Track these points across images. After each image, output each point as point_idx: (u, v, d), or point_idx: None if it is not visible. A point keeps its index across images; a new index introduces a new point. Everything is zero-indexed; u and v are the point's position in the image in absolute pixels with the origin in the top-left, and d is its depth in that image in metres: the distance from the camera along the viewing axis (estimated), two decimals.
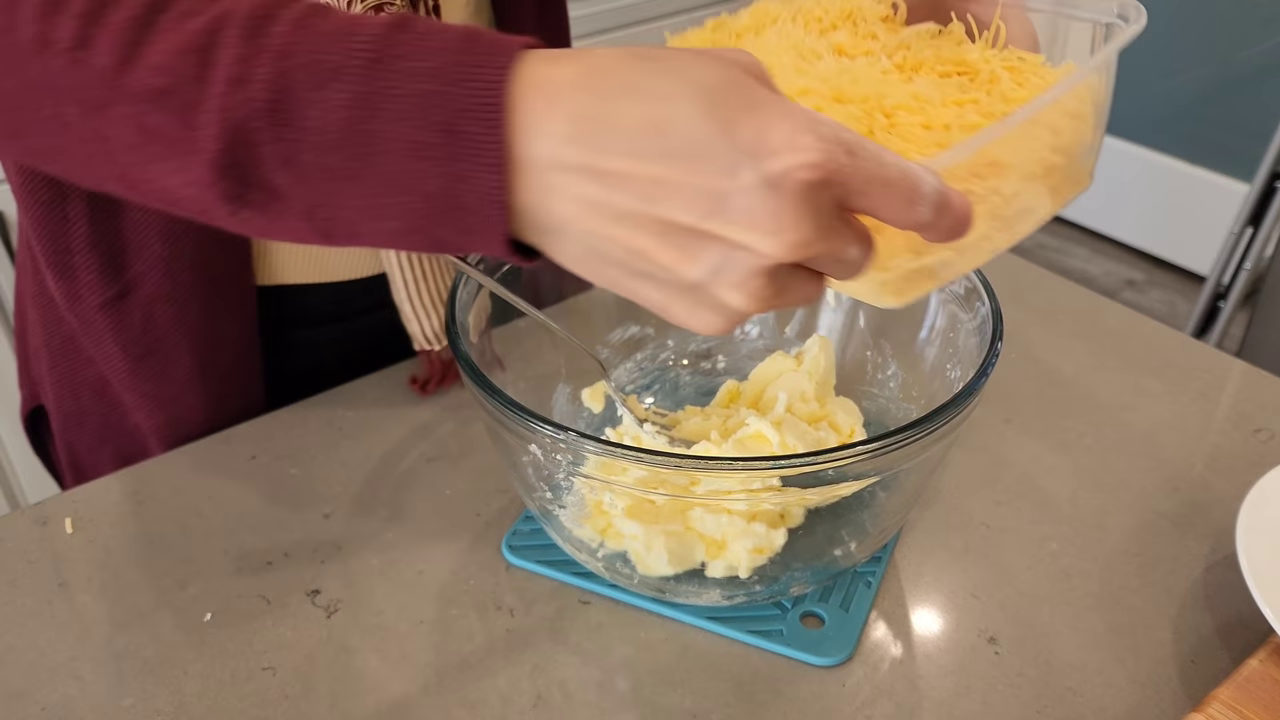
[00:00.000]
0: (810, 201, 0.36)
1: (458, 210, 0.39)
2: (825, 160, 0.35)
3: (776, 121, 0.35)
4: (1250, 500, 0.66)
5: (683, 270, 0.38)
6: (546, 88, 0.37)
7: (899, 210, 0.38)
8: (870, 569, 0.69)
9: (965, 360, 0.68)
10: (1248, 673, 0.59)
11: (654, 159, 0.36)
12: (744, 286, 0.37)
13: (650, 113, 0.36)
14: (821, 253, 0.38)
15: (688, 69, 0.37)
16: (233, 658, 0.64)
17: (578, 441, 0.56)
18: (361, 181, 0.39)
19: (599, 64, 0.38)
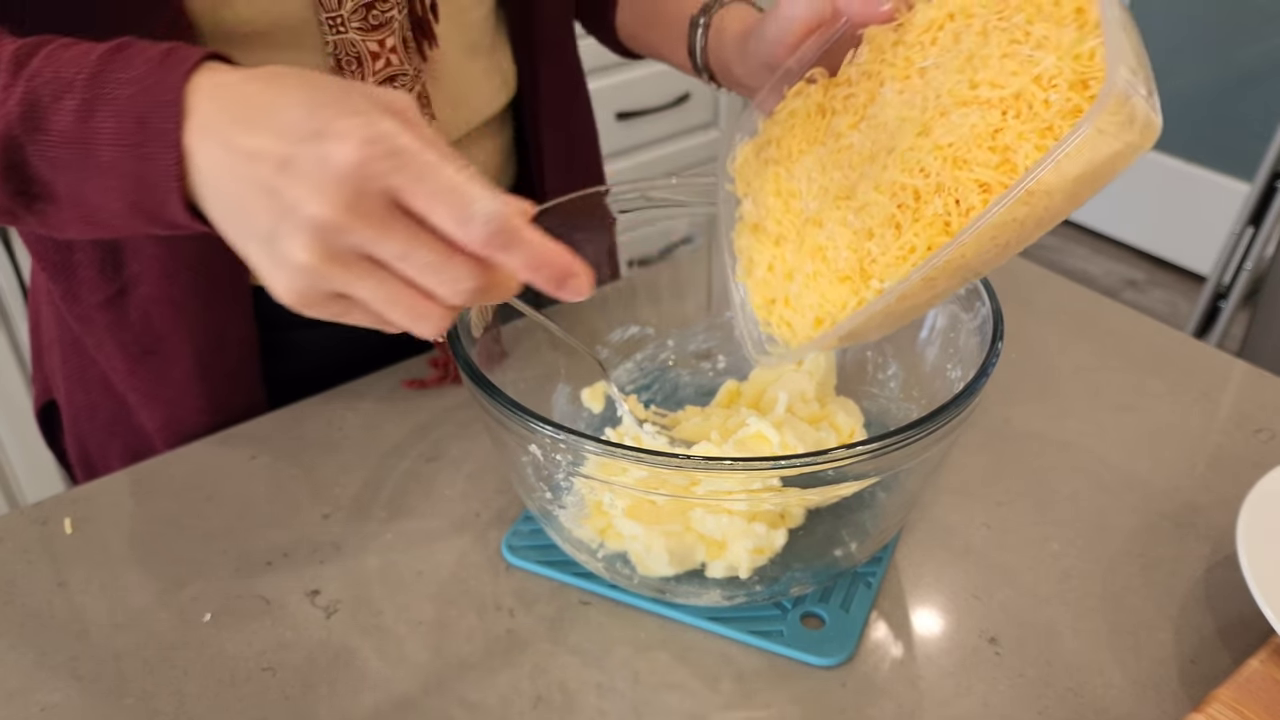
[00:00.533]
0: (352, 182, 0.43)
1: (150, 186, 0.48)
2: (366, 153, 0.43)
3: (350, 118, 0.43)
4: (1251, 501, 0.66)
5: (259, 221, 0.45)
6: (214, 89, 0.48)
7: (449, 223, 0.44)
8: (871, 569, 0.68)
9: (966, 360, 0.68)
10: (1248, 673, 0.59)
11: (262, 132, 0.45)
12: (296, 240, 0.44)
13: (270, 101, 0.46)
14: (368, 237, 0.44)
15: (317, 79, 0.46)
16: (232, 658, 0.64)
17: (578, 441, 0.56)
18: (92, 170, 0.50)
19: (259, 72, 0.47)
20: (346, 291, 0.46)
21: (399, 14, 0.73)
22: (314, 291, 0.46)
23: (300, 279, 0.45)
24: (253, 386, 0.83)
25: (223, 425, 0.82)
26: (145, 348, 0.79)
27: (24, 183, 0.52)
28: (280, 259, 0.45)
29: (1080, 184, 0.49)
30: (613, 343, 0.80)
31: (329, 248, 0.44)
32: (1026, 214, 0.50)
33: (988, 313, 0.65)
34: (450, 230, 0.44)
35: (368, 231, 0.44)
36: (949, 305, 0.72)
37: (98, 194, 0.51)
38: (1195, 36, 2.72)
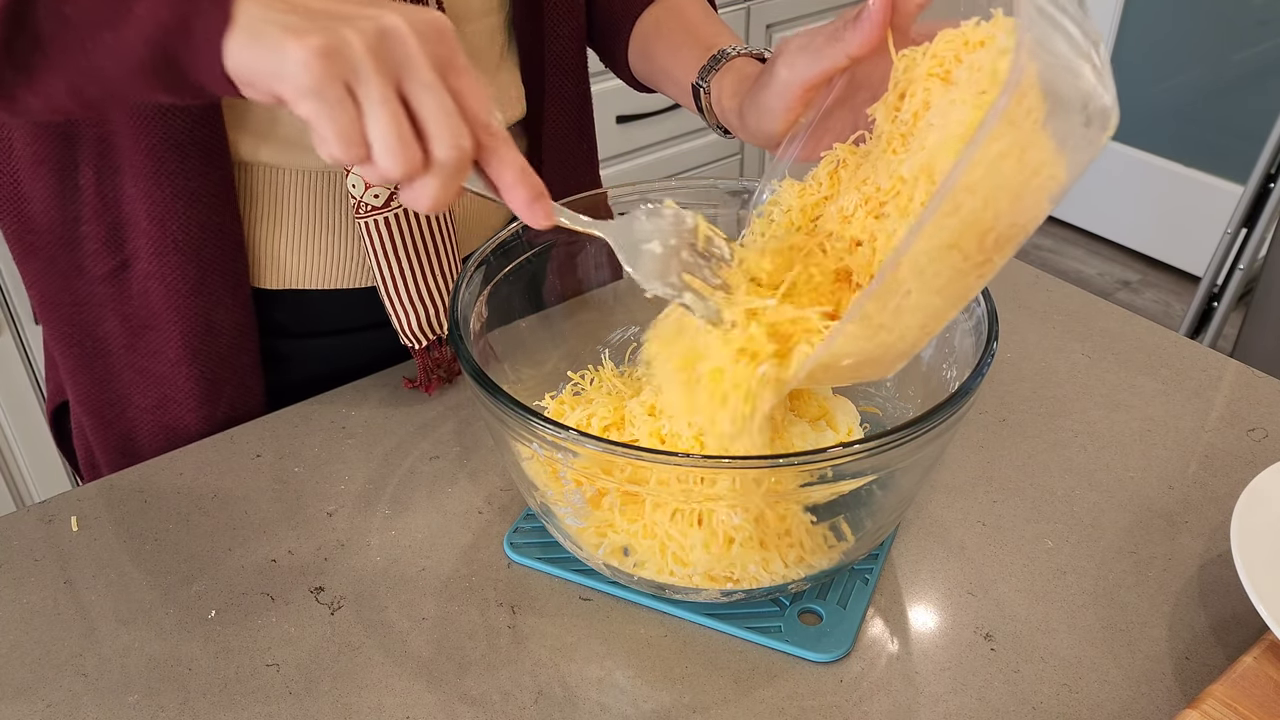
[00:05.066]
0: (417, 28, 0.50)
1: (188, 32, 0.50)
2: (438, 23, 0.51)
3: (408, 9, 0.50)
4: (1244, 498, 0.66)
5: (314, 24, 0.48)
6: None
7: (475, 101, 0.51)
8: (867, 566, 0.69)
9: (961, 360, 0.69)
10: (1242, 669, 0.60)
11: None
12: (356, 27, 0.48)
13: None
14: (416, 53, 0.49)
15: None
16: (237, 654, 0.64)
17: (578, 440, 0.56)
18: (117, 21, 0.51)
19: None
20: (365, 88, 0.49)
21: None
22: (337, 67, 0.48)
23: (332, 52, 0.48)
24: (247, 375, 0.84)
25: (219, 414, 0.83)
26: (143, 322, 0.80)
27: (20, 37, 0.52)
28: (323, 36, 0.48)
29: (1005, 178, 0.48)
30: (613, 343, 0.81)
31: (375, 44, 0.48)
32: (958, 226, 0.49)
33: (983, 313, 0.66)
34: (473, 106, 0.51)
35: (417, 51, 0.49)
36: None
37: (112, 49, 0.51)
38: (1189, 40, 2.73)
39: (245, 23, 0.50)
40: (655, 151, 2.25)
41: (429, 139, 0.50)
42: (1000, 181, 0.48)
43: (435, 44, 0.51)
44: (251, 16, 0.50)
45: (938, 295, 0.53)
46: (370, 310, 0.87)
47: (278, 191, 0.79)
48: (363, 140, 0.50)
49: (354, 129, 0.49)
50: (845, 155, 0.65)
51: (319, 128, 0.49)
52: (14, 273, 1.54)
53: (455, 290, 0.67)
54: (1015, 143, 0.47)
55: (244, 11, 0.50)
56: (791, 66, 0.65)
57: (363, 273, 0.84)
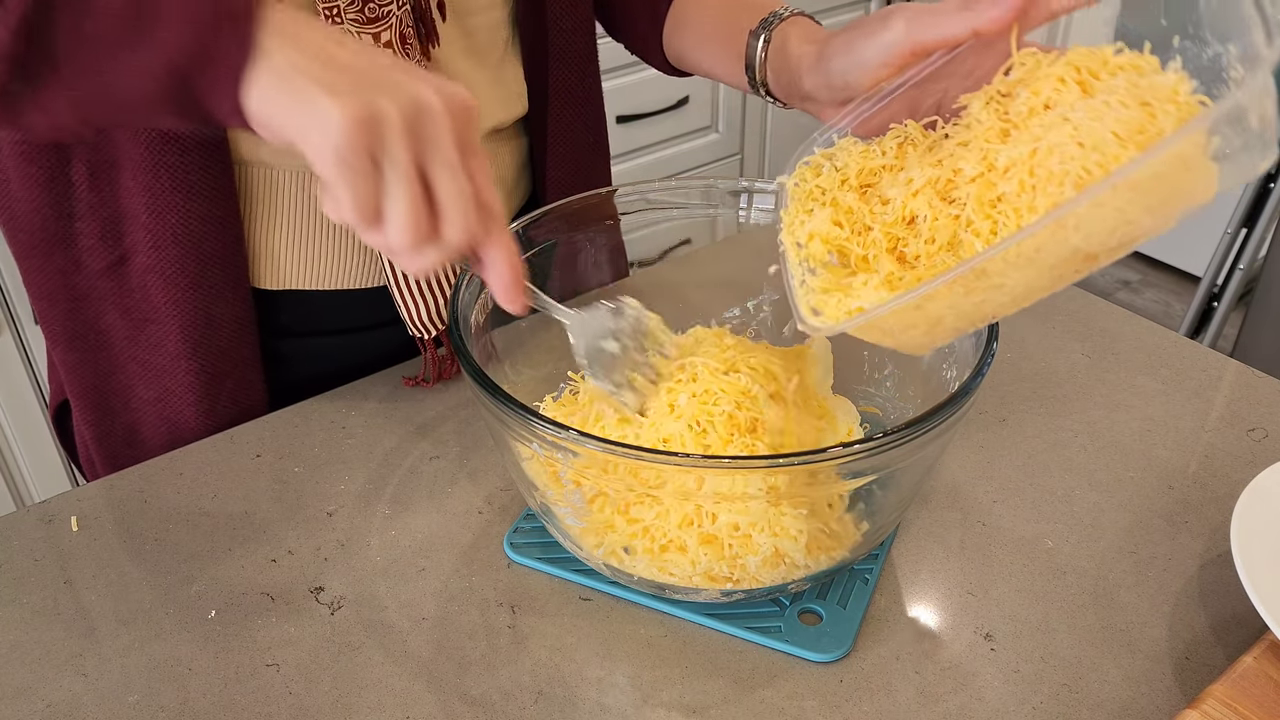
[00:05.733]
0: (442, 104, 0.51)
1: (208, 62, 0.50)
2: (459, 101, 0.52)
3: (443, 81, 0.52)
4: (1245, 498, 0.66)
5: (344, 80, 0.49)
6: (283, 11, 0.51)
7: (486, 181, 0.54)
8: (868, 566, 0.69)
9: (961, 360, 0.69)
10: (1242, 669, 0.60)
11: (352, 50, 0.51)
12: (389, 98, 0.49)
13: (352, 41, 0.53)
14: (443, 133, 0.51)
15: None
16: (237, 654, 0.64)
17: (578, 440, 0.56)
18: (136, 44, 0.50)
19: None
20: (392, 162, 0.50)
21: (398, 9, 0.73)
22: (368, 138, 0.49)
23: (368, 122, 0.48)
24: (248, 369, 0.84)
25: (216, 407, 0.83)
26: (143, 315, 0.80)
27: (34, 50, 0.51)
28: (361, 103, 0.48)
29: (1160, 189, 0.50)
30: None
31: (410, 120, 0.50)
32: (1096, 218, 0.50)
33: None
34: (483, 187, 0.53)
35: (447, 131, 0.51)
36: None
37: (128, 70, 0.51)
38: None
39: (275, 66, 0.50)
40: (655, 151, 2.25)
41: (442, 219, 0.52)
42: (1155, 190, 0.49)
43: (461, 123, 0.52)
44: (283, 62, 0.50)
45: (1041, 277, 0.54)
46: (372, 310, 0.87)
47: (275, 192, 0.79)
48: (377, 212, 0.51)
49: (372, 200, 0.50)
50: (915, 133, 0.64)
51: (337, 192, 0.50)
52: (14, 273, 1.54)
53: (455, 289, 0.67)
54: (1184, 160, 0.48)
55: (274, 52, 0.50)
56: (911, 23, 0.64)
57: (362, 274, 0.84)
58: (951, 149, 0.60)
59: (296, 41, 0.50)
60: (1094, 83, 0.56)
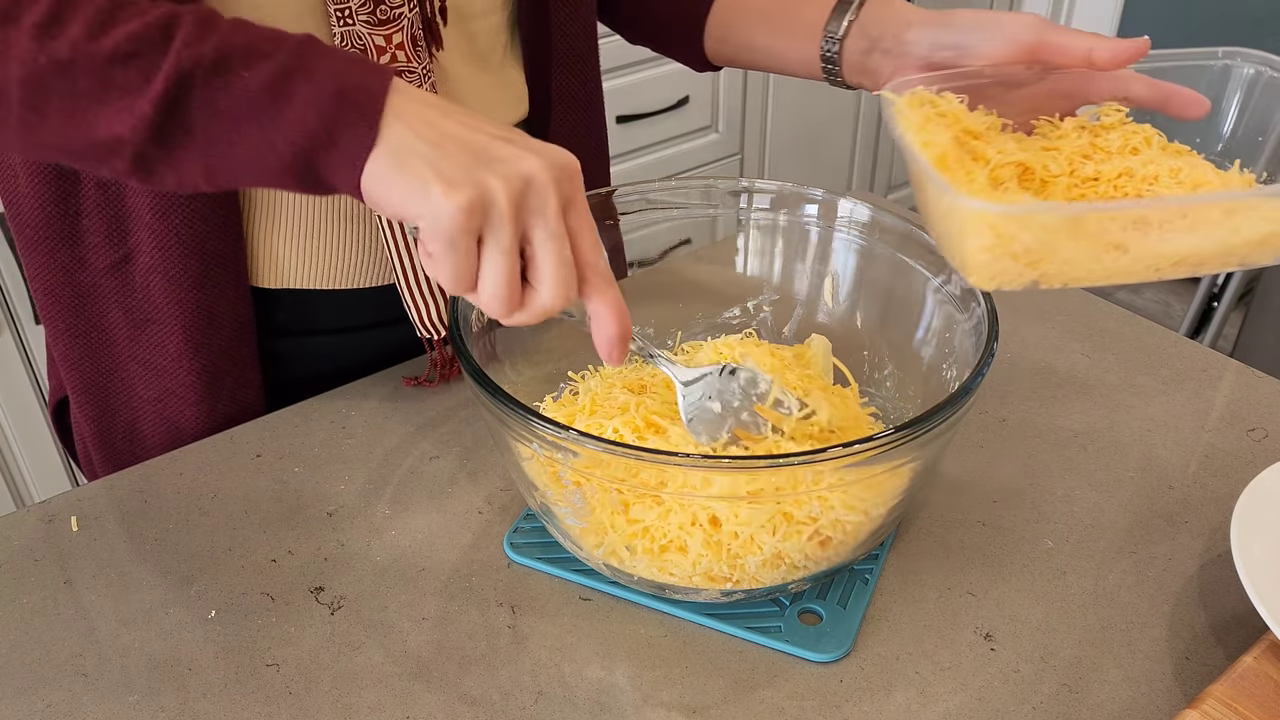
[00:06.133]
0: (552, 171, 0.53)
1: (331, 146, 0.53)
2: (567, 164, 0.54)
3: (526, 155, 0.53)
4: (1245, 498, 0.66)
5: (458, 161, 0.52)
6: (409, 90, 0.55)
7: (590, 241, 0.55)
8: (868, 566, 0.69)
9: (961, 360, 0.69)
10: (1242, 669, 0.60)
11: (469, 124, 0.54)
12: (499, 175, 0.52)
13: (468, 113, 0.55)
14: (549, 203, 0.52)
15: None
16: (237, 654, 0.64)
17: (578, 440, 0.56)
18: (264, 126, 0.54)
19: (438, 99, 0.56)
20: (495, 239, 0.52)
21: (409, 11, 0.74)
22: (477, 223, 0.51)
23: (478, 208, 0.51)
24: (247, 369, 0.84)
25: (216, 408, 0.83)
26: (145, 315, 0.80)
27: (171, 122, 0.54)
28: (472, 190, 0.51)
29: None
30: None
31: (518, 198, 0.52)
32: (1211, 226, 0.59)
33: (983, 313, 0.66)
34: (586, 246, 0.55)
35: (553, 200, 0.52)
36: (944, 306, 0.72)
37: (256, 146, 0.54)
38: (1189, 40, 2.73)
39: (391, 145, 0.53)
40: (655, 151, 2.25)
41: (538, 283, 0.54)
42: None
43: (566, 187, 0.54)
44: (398, 140, 0.53)
45: (1177, 251, 0.60)
46: (371, 310, 0.87)
47: (276, 192, 0.79)
48: (474, 281, 0.53)
49: (470, 272, 0.53)
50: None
51: (439, 266, 0.53)
52: (14, 273, 1.54)
53: None
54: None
55: (389, 131, 0.53)
56: (1044, 25, 0.70)
57: (365, 273, 0.84)
58: (1036, 146, 0.69)
59: (411, 120, 0.53)
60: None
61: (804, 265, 0.82)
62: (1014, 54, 0.71)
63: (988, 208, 0.59)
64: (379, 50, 0.74)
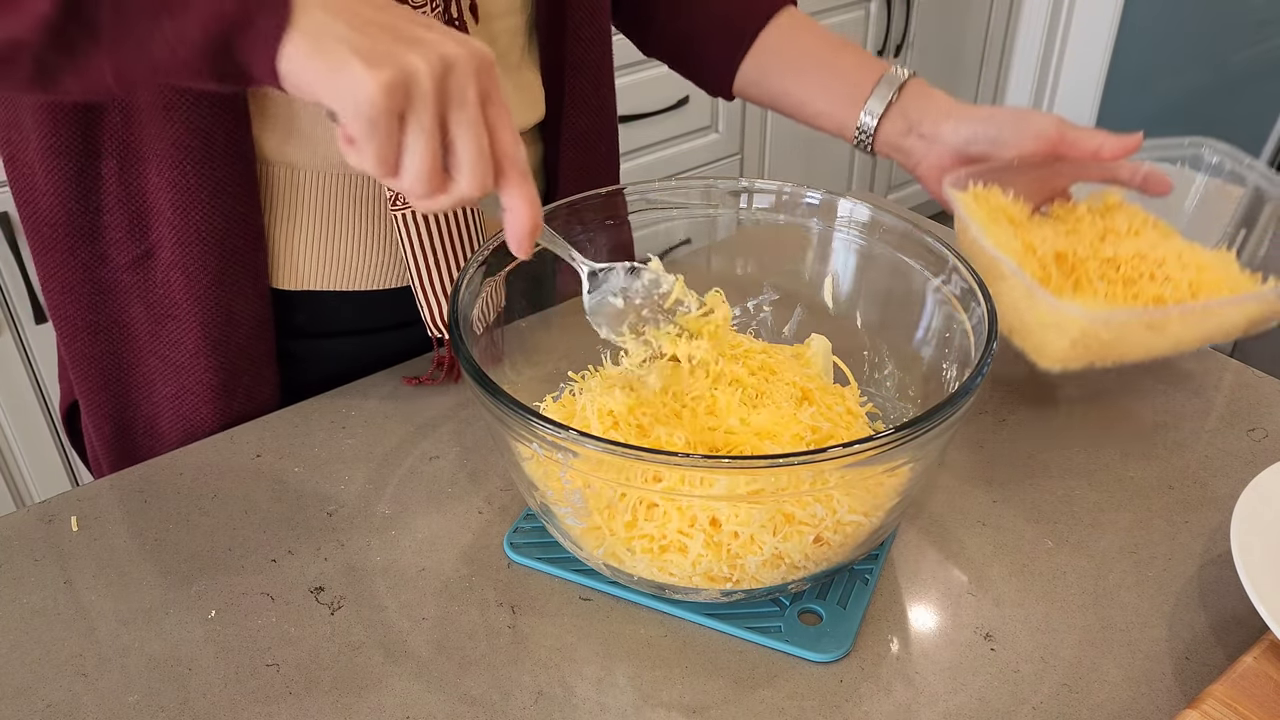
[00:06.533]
0: (473, 58, 0.54)
1: (246, 26, 0.52)
2: (483, 56, 0.55)
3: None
4: (1245, 498, 0.66)
5: (380, 42, 0.52)
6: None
7: (508, 134, 0.56)
8: (868, 566, 0.69)
9: (961, 360, 0.69)
10: (1242, 669, 0.60)
11: (386, 10, 0.54)
12: (421, 56, 0.52)
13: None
14: (468, 87, 0.53)
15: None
16: (237, 654, 0.64)
17: (578, 440, 0.56)
18: (174, 14, 0.52)
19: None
20: (415, 119, 0.52)
21: (431, 10, 0.75)
22: (398, 101, 0.51)
23: (399, 86, 0.51)
24: (263, 368, 0.84)
25: (231, 406, 0.83)
26: (165, 311, 0.81)
27: (74, 23, 0.53)
28: (393, 68, 0.51)
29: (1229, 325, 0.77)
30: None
31: (439, 78, 0.52)
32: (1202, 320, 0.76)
33: (983, 313, 0.66)
34: (504, 137, 0.55)
35: (471, 85, 0.53)
36: (944, 306, 0.72)
37: (168, 37, 0.53)
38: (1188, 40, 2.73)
39: (308, 28, 0.52)
40: (655, 151, 2.25)
41: (457, 169, 0.55)
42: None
43: (485, 77, 0.54)
44: (315, 23, 0.52)
45: (1185, 339, 0.78)
46: (387, 312, 0.87)
47: (298, 193, 0.79)
48: (396, 164, 0.54)
49: (393, 155, 0.53)
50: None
51: (361, 148, 0.53)
52: (14, 273, 1.54)
53: (455, 290, 0.67)
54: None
55: (305, 14, 0.52)
56: (1063, 123, 0.82)
57: (380, 275, 0.85)
58: (1061, 229, 0.84)
59: (326, 3, 0.53)
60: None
61: (804, 265, 0.82)
62: (1040, 149, 0.82)
63: (1083, 313, 0.72)
64: None
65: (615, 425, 0.68)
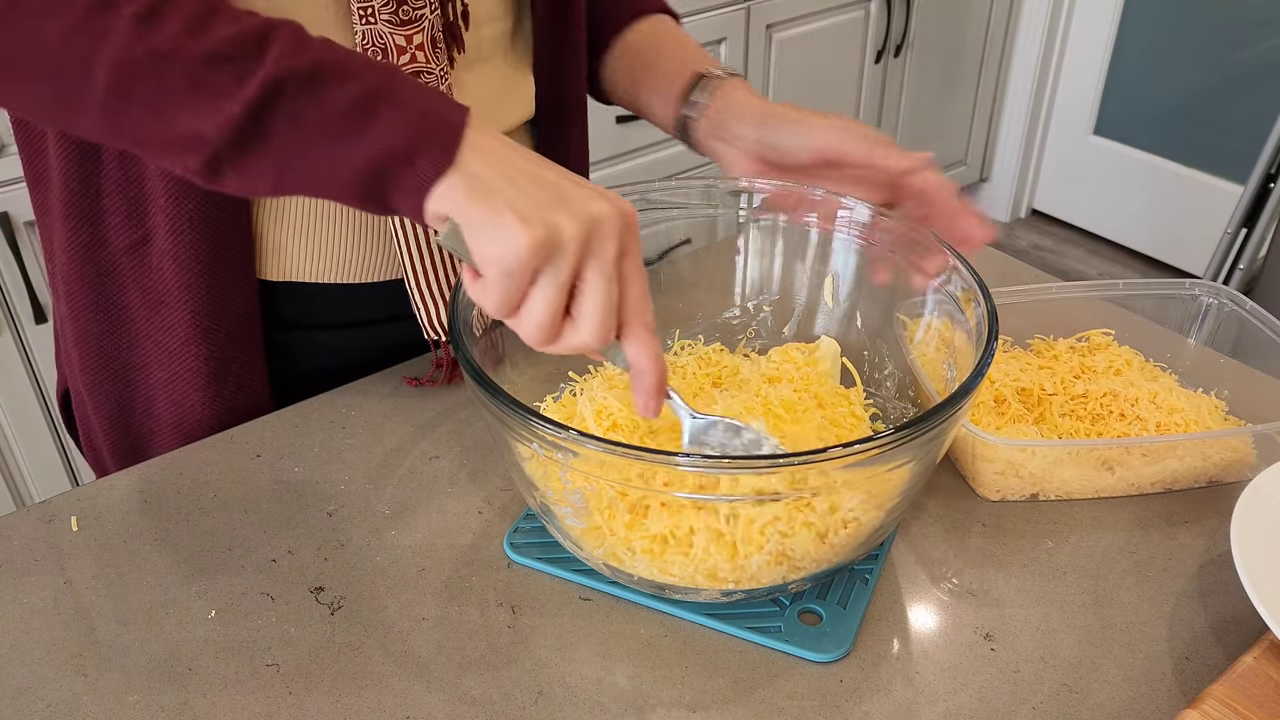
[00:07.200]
0: (617, 218, 0.56)
1: (405, 168, 0.55)
2: (626, 214, 0.57)
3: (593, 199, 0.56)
4: (1245, 498, 0.66)
5: (535, 198, 0.55)
6: (484, 128, 0.58)
7: (639, 290, 0.58)
8: (868, 566, 0.69)
9: (962, 360, 0.69)
10: (1242, 669, 0.60)
11: (539, 165, 0.57)
12: (570, 216, 0.54)
13: (538, 159, 0.58)
14: (608, 247, 0.55)
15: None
16: (237, 654, 0.64)
17: (578, 440, 0.56)
18: (346, 141, 0.55)
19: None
20: (552, 274, 0.55)
21: (430, 13, 0.75)
22: (541, 261, 0.54)
23: (546, 246, 0.54)
24: (253, 356, 0.84)
25: (223, 393, 0.83)
26: (159, 298, 0.81)
27: (256, 125, 0.56)
28: (542, 223, 0.53)
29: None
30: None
31: (585, 235, 0.54)
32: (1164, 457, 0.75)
33: (983, 313, 0.66)
34: (635, 293, 0.57)
35: (613, 245, 0.55)
36: (945, 306, 0.72)
37: (333, 159, 0.56)
38: (1189, 40, 2.73)
39: (466, 172, 0.55)
40: (655, 151, 2.25)
41: (580, 319, 0.56)
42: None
43: (626, 235, 0.56)
44: (473, 170, 0.55)
45: (1142, 477, 0.77)
46: (376, 305, 0.87)
47: None
48: (518, 308, 0.56)
49: (519, 302, 0.56)
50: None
51: (488, 290, 0.55)
52: (14, 273, 1.54)
53: (455, 290, 0.67)
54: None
55: (466, 161, 0.55)
56: (842, 141, 0.77)
57: (368, 268, 0.85)
58: (1035, 364, 0.84)
59: (485, 153, 0.56)
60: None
61: (804, 265, 0.82)
62: (817, 160, 0.78)
63: (999, 442, 0.72)
64: (399, 50, 0.75)
65: (615, 426, 0.69)
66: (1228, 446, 0.76)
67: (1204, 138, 2.76)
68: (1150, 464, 0.74)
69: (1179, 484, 0.76)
